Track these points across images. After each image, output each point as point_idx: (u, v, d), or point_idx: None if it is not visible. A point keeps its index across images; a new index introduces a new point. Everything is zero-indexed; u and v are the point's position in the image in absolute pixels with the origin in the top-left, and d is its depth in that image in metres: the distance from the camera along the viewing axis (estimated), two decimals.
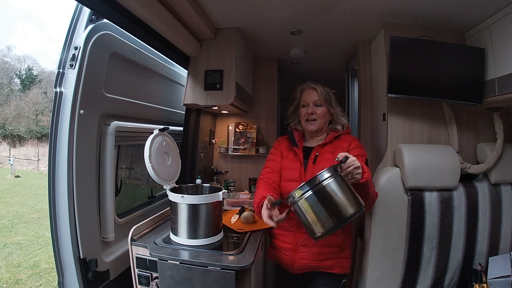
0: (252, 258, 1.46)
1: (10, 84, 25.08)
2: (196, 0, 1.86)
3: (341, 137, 1.74)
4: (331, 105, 1.75)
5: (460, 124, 2.15)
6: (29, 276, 4.83)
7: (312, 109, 1.73)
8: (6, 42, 39.95)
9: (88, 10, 1.56)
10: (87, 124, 1.59)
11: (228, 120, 3.17)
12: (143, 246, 1.58)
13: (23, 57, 26.23)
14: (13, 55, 25.98)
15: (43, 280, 4.69)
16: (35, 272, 4.94)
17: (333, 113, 1.77)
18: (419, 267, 1.98)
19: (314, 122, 1.74)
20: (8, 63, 25.39)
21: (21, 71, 25.72)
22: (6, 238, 6.44)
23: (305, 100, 1.77)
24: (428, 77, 1.98)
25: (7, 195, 10.20)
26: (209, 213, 1.59)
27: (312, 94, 1.75)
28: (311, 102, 1.74)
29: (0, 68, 24.61)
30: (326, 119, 1.77)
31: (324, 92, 1.74)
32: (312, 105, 1.73)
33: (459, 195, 2.00)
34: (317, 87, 1.75)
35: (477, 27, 2.05)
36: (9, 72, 25.14)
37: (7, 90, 24.32)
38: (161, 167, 1.69)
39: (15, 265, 5.23)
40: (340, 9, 2.01)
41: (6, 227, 7.15)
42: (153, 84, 2.34)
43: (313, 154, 1.71)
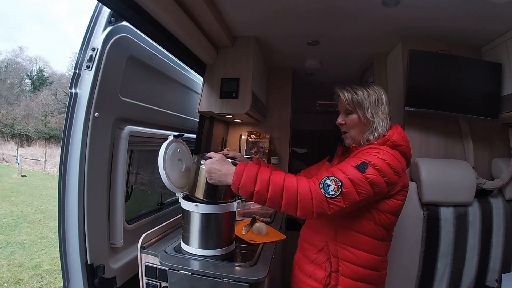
0: (266, 271, 1.37)
1: (21, 85, 25.28)
2: (217, 7, 1.82)
3: (368, 148, 1.30)
4: (365, 109, 1.34)
5: (475, 139, 2.10)
6: (31, 276, 4.73)
7: (342, 118, 1.40)
8: (18, 42, 40.36)
9: (107, 12, 1.50)
10: (101, 127, 1.53)
11: (241, 129, 3.12)
12: (153, 254, 1.49)
13: (35, 58, 26.52)
14: (25, 56, 26.25)
15: (45, 282, 4.59)
16: (37, 273, 4.84)
17: (370, 118, 1.33)
18: (432, 283, 1.93)
19: (346, 134, 1.41)
20: (20, 64, 25.64)
21: (32, 72, 25.97)
22: (9, 237, 6.33)
23: (338, 109, 1.45)
24: (445, 91, 1.93)
25: (12, 194, 10.10)
26: (222, 223, 1.51)
27: (339, 101, 1.41)
28: (341, 111, 1.42)
29: (12, 68, 24.81)
30: (360, 128, 1.36)
31: (351, 96, 1.35)
32: (342, 114, 1.41)
33: (474, 211, 1.95)
34: (341, 92, 1.38)
35: (493, 42, 2.02)
36: (20, 72, 25.36)
37: (17, 90, 24.48)
38: (175, 174, 1.62)
39: (17, 264, 5.13)
40: (359, 22, 1.98)
41: (10, 226, 7.04)
42: (168, 90, 2.29)
43: (334, 163, 1.51)
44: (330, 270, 1.33)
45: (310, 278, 1.39)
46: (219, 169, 1.27)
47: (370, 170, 1.16)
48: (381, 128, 1.32)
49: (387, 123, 1.34)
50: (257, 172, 1.18)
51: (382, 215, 1.26)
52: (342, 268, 1.31)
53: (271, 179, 1.17)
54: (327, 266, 1.35)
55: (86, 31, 1.50)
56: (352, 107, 1.35)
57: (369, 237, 1.28)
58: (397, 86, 2.16)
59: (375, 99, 1.34)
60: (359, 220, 1.27)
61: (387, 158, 1.20)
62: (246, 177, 1.18)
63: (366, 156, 1.21)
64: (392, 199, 1.26)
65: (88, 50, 1.47)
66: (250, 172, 1.19)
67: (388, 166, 1.18)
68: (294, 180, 1.17)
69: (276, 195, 1.16)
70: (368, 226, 1.27)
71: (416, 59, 1.92)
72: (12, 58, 25.33)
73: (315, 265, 1.39)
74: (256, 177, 1.17)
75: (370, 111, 1.33)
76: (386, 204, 1.26)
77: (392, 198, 1.26)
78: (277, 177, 1.18)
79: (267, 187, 1.16)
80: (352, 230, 1.29)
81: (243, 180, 1.18)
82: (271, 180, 1.16)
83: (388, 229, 1.32)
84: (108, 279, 1.64)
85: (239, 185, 1.19)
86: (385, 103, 1.35)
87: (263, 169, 1.21)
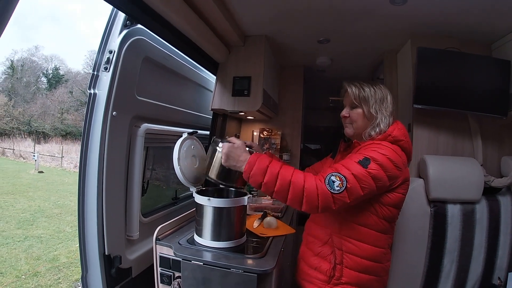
0: (274, 262, 1.44)
1: (37, 83, 25.87)
2: (227, 8, 1.89)
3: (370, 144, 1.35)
4: (370, 105, 1.40)
5: (484, 137, 2.10)
6: (48, 269, 4.89)
7: (346, 111, 1.47)
8: (34, 42, 41.15)
9: (123, 15, 1.59)
10: (118, 125, 1.62)
11: (253, 125, 3.19)
12: (167, 245, 1.58)
13: (50, 57, 27.10)
14: (41, 54, 26.86)
15: (62, 274, 4.74)
16: (54, 266, 4.99)
17: (374, 114, 1.40)
18: (438, 280, 1.94)
19: (348, 125, 1.48)
20: (36, 62, 26.23)
21: (48, 70, 26.56)
22: (27, 231, 6.55)
23: (343, 102, 1.52)
24: (454, 89, 1.95)
25: (30, 189, 10.42)
26: (234, 216, 1.59)
27: (346, 95, 1.48)
28: (347, 104, 1.48)
29: (28, 67, 25.41)
30: (364, 123, 1.42)
31: (358, 91, 1.41)
32: (347, 108, 1.47)
33: (482, 209, 1.96)
34: (349, 86, 1.44)
35: (503, 39, 2.02)
36: (36, 71, 25.95)
37: (33, 88, 25.07)
38: (189, 170, 1.70)
39: (35, 257, 5.30)
40: (368, 20, 2.01)
41: (27, 220, 7.28)
42: (182, 89, 2.37)
43: (337, 159, 1.57)
44: (334, 262, 1.39)
45: (316, 270, 1.45)
46: (237, 155, 1.34)
47: (373, 165, 1.21)
48: (383, 125, 1.37)
49: (389, 120, 1.39)
50: (268, 165, 1.24)
51: (384, 208, 1.32)
52: (346, 260, 1.37)
53: (280, 173, 1.23)
54: (331, 258, 1.40)
55: (103, 34, 1.59)
56: (357, 101, 1.41)
57: (372, 230, 1.34)
58: (406, 83, 2.18)
59: (380, 97, 1.40)
60: (363, 213, 1.33)
61: (388, 153, 1.25)
62: (257, 168, 1.25)
63: (368, 152, 1.25)
64: (394, 193, 1.31)
65: (105, 52, 1.57)
66: (261, 164, 1.25)
67: (389, 160, 1.23)
68: (301, 176, 1.23)
69: (283, 189, 1.22)
70: (371, 219, 1.33)
71: (425, 57, 1.94)
72: (28, 57, 25.96)
73: (320, 258, 1.44)
74: (266, 170, 1.24)
75: (374, 107, 1.39)
76: (388, 197, 1.31)
77: (393, 191, 1.31)
78: (285, 171, 1.24)
79: (275, 180, 1.22)
80: (355, 223, 1.34)
81: (254, 170, 1.25)
82: (279, 174, 1.23)
83: (390, 222, 1.37)
84: (124, 269, 1.74)
85: (249, 174, 1.27)
86: (389, 102, 1.41)
87: (274, 163, 1.27)
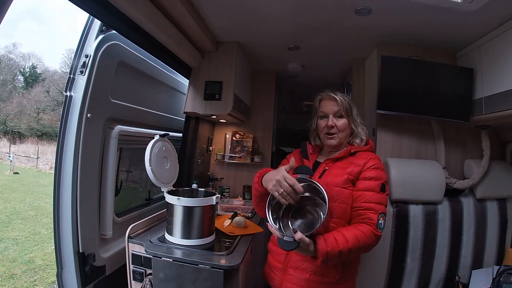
0: (240, 259, 1.59)
1: (14, 81, 25.40)
2: (200, 15, 2.02)
3: (358, 154, 1.53)
4: (352, 117, 1.57)
5: (448, 141, 2.27)
6: (24, 271, 4.91)
7: (332, 121, 1.54)
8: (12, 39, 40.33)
9: (99, 21, 1.71)
10: (93, 127, 1.74)
11: (226, 128, 3.30)
12: (139, 243, 1.70)
13: (28, 55, 26.60)
14: (18, 52, 26.34)
15: (38, 276, 4.76)
16: (30, 268, 5.01)
17: (354, 125, 1.58)
18: (402, 277, 2.10)
19: (334, 136, 1.55)
20: (13, 60, 25.73)
21: (25, 69, 26.06)
22: (2, 233, 6.52)
23: (324, 111, 1.58)
24: (417, 95, 2.10)
25: (5, 191, 10.29)
26: (203, 215, 1.72)
27: (331, 104, 1.56)
28: (330, 114, 1.55)
29: (5, 65, 24.93)
30: (348, 133, 1.58)
31: (345, 102, 1.55)
32: (332, 117, 1.55)
33: (444, 209, 2.12)
34: (337, 96, 1.55)
35: (468, 48, 2.18)
36: (13, 69, 25.46)
37: (10, 87, 24.63)
38: (160, 170, 1.83)
39: (11, 260, 5.31)
40: (334, 30, 2.16)
41: (3, 222, 7.24)
42: (156, 92, 2.50)
43: (321, 168, 1.55)
44: None
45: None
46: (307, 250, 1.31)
47: (386, 187, 1.47)
48: (364, 133, 1.59)
49: (365, 130, 1.61)
50: (340, 249, 1.30)
51: None
52: None
53: (350, 249, 1.31)
54: None
55: (80, 39, 1.71)
56: (345, 112, 1.55)
57: None
58: (373, 90, 2.32)
59: (355, 108, 1.61)
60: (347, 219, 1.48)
61: (382, 166, 1.52)
62: (331, 257, 1.30)
63: (378, 173, 1.46)
64: None
65: (81, 56, 1.69)
66: (334, 253, 1.28)
67: (384, 172, 1.50)
68: (363, 235, 1.33)
69: (355, 255, 1.43)
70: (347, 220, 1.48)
71: (388, 65, 2.10)
72: (5, 54, 25.46)
73: None
74: (339, 254, 1.30)
75: (355, 117, 1.59)
76: None
77: None
78: (352, 243, 1.32)
79: (348, 255, 1.33)
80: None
81: (329, 260, 1.30)
82: (349, 251, 1.31)
83: None
84: (99, 267, 1.84)
85: (327, 263, 1.32)
86: None
87: (342, 243, 1.30)
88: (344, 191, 1.43)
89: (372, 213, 1.39)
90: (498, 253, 2.22)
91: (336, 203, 1.42)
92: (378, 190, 1.43)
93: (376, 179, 1.44)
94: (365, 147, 1.57)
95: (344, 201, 1.43)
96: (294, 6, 1.88)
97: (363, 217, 1.39)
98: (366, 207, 1.40)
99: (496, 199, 2.23)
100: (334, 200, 1.41)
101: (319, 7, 1.87)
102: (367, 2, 1.78)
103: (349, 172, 1.46)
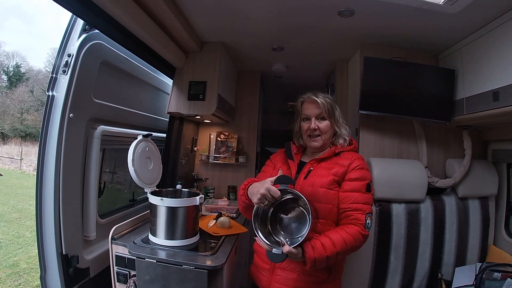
0: (224, 259, 1.61)
1: None
2: (183, 15, 2.03)
3: (342, 154, 1.58)
4: (335, 118, 1.62)
5: (430, 141, 2.34)
6: (8, 275, 4.86)
7: (314, 124, 1.58)
8: None
9: (82, 21, 1.71)
10: (75, 127, 1.74)
11: (211, 129, 3.32)
12: (122, 245, 1.71)
13: (12, 54, 26.19)
14: (2, 51, 25.90)
15: (22, 280, 4.72)
16: (14, 272, 4.96)
17: (337, 126, 1.63)
18: (386, 275, 2.15)
19: (317, 138, 1.60)
20: None
21: (9, 68, 25.63)
22: None
23: (306, 114, 1.62)
24: (399, 96, 2.16)
25: None
26: (186, 216, 1.74)
27: (313, 107, 1.60)
28: (313, 116, 1.60)
29: None
30: (331, 133, 1.63)
31: (327, 104, 1.58)
32: (314, 120, 1.59)
33: (426, 208, 2.18)
34: (318, 98, 1.58)
35: (449, 49, 2.24)
36: None
37: None
38: (143, 171, 1.84)
39: None
40: (319, 30, 2.19)
41: None
42: (140, 92, 2.51)
43: (306, 168, 1.58)
44: None
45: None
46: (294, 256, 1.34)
47: (371, 186, 1.53)
48: (346, 133, 1.64)
49: (347, 130, 1.66)
50: (327, 255, 1.33)
51: None
52: None
53: (337, 253, 1.35)
54: None
55: (63, 38, 1.72)
56: (327, 114, 1.59)
57: None
58: (356, 90, 2.36)
59: (338, 108, 1.65)
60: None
61: (366, 166, 1.57)
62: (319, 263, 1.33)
63: (363, 174, 1.52)
64: None
65: (64, 56, 1.69)
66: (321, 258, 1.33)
67: (369, 171, 1.56)
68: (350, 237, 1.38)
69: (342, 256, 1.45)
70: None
71: (370, 66, 2.15)
72: None
73: None
74: (327, 259, 1.34)
75: (338, 118, 1.64)
76: None
77: None
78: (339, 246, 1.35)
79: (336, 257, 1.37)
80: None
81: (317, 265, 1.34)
82: (337, 254, 1.36)
83: None
84: (82, 269, 1.85)
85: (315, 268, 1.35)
86: None
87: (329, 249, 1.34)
88: (329, 192, 1.47)
89: (359, 213, 1.44)
90: (481, 251, 2.28)
91: (322, 204, 1.46)
92: (364, 191, 1.48)
93: (361, 180, 1.49)
94: (349, 147, 1.62)
95: (330, 202, 1.47)
96: (277, 7, 1.91)
97: (351, 218, 1.44)
98: (353, 208, 1.45)
99: (478, 198, 2.30)
100: (320, 201, 1.46)
101: (303, 8, 1.90)
102: (350, 4, 1.81)
103: (334, 173, 1.50)
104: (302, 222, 1.39)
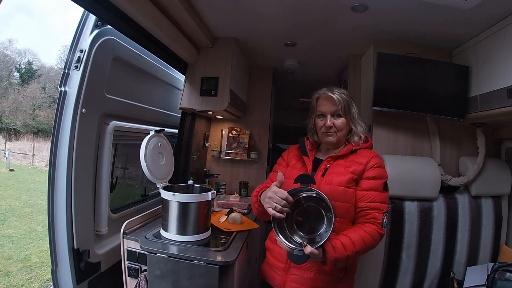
0: (235, 255, 1.59)
1: (9, 77, 25.22)
2: (196, 10, 2.01)
3: (359, 152, 1.52)
4: (351, 115, 1.55)
5: (443, 138, 2.29)
6: (20, 269, 4.92)
7: (330, 121, 1.51)
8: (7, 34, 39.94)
9: (94, 16, 1.70)
10: (88, 122, 1.73)
11: (222, 125, 3.30)
12: (134, 239, 1.70)
13: (24, 51, 26.40)
14: (14, 48, 26.12)
15: (33, 274, 4.77)
16: (25, 265, 5.02)
17: (353, 124, 1.56)
18: (398, 273, 2.12)
19: (333, 134, 1.53)
20: (9, 56, 25.51)
21: (20, 65, 25.89)
22: None
23: (321, 110, 1.55)
24: (413, 92, 2.12)
25: (0, 188, 10.25)
26: (198, 211, 1.72)
27: (329, 104, 1.52)
28: (328, 113, 1.52)
29: (0, 61, 24.76)
30: (346, 131, 1.56)
31: (343, 100, 1.51)
32: (329, 117, 1.51)
33: (439, 206, 2.14)
34: (334, 94, 1.50)
35: (463, 46, 2.19)
36: (8, 65, 25.25)
37: (5, 83, 24.45)
38: (155, 166, 1.83)
39: (6, 257, 5.31)
40: (332, 25, 2.16)
41: None
42: (152, 88, 2.50)
43: (323, 166, 1.51)
44: None
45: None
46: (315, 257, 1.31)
47: (387, 185, 1.49)
48: (362, 131, 1.58)
49: (363, 127, 1.60)
50: (347, 255, 1.31)
51: None
52: None
53: (357, 253, 1.34)
54: None
55: (75, 34, 1.71)
56: (343, 111, 1.51)
57: None
58: (369, 86, 2.32)
59: (354, 104, 1.59)
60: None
61: (383, 164, 1.51)
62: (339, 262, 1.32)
63: (381, 172, 1.48)
64: None
65: (76, 51, 1.68)
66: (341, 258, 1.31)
67: (385, 170, 1.51)
68: (369, 236, 1.36)
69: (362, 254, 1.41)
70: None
71: (384, 62, 2.11)
72: (0, 50, 25.31)
73: None
74: (347, 259, 1.32)
75: (354, 115, 1.56)
76: None
77: None
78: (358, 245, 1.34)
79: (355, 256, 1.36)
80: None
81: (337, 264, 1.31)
82: (357, 254, 1.35)
83: None
84: (93, 264, 1.84)
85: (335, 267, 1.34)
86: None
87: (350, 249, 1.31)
88: (348, 190, 1.42)
89: (377, 212, 1.41)
90: (493, 250, 2.24)
91: (340, 203, 1.41)
92: (381, 190, 1.44)
93: (379, 178, 1.45)
94: (365, 144, 1.56)
95: (348, 200, 1.42)
96: (290, 3, 1.88)
97: (368, 217, 1.41)
98: (371, 207, 1.41)
99: (491, 196, 2.26)
100: (338, 200, 1.40)
101: (315, 3, 1.87)
102: None
103: (352, 171, 1.45)
104: (318, 220, 1.34)
